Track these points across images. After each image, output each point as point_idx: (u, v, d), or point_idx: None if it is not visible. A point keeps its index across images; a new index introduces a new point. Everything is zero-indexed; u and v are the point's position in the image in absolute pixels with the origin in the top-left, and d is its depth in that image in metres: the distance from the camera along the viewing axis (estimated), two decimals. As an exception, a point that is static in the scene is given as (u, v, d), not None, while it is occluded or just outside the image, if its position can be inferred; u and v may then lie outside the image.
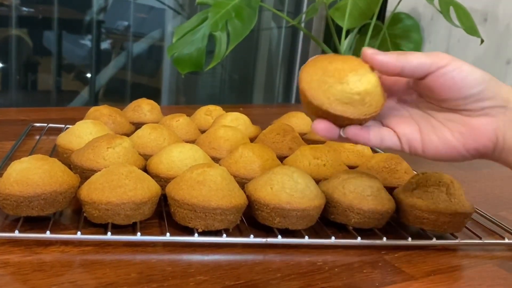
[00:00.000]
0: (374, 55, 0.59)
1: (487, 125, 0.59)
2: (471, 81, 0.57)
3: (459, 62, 0.57)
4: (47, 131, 1.13)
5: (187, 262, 0.66)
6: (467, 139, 0.60)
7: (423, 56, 0.58)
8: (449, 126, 0.61)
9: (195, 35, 1.67)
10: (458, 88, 0.58)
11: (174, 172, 0.79)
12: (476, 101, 0.58)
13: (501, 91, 0.58)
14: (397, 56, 0.58)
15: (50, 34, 2.86)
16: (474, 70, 0.57)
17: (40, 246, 0.66)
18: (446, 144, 0.61)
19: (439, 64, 0.57)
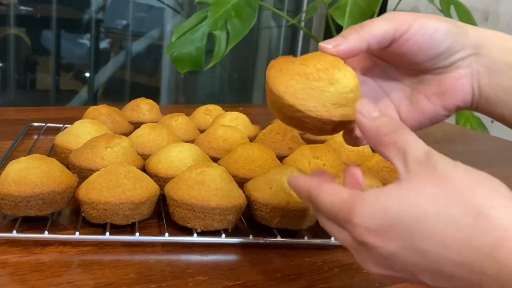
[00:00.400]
0: (337, 48, 0.53)
1: (461, 78, 0.56)
2: (437, 39, 0.54)
3: (421, 20, 0.54)
4: (45, 130, 1.13)
5: (186, 263, 0.66)
6: (445, 100, 0.58)
7: (384, 23, 0.53)
8: (424, 91, 0.59)
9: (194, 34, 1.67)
10: (425, 49, 0.55)
11: (173, 172, 0.79)
12: (446, 57, 0.56)
13: (470, 39, 0.55)
14: (358, 34, 0.53)
15: (49, 33, 2.86)
16: (438, 25, 0.54)
17: (38, 246, 0.66)
18: (426, 112, 0.59)
19: (401, 29, 0.53)
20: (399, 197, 0.41)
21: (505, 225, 0.38)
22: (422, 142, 0.44)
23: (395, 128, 0.45)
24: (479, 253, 0.38)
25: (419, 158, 0.42)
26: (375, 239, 0.42)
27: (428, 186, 0.40)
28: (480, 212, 0.38)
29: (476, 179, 0.41)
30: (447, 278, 0.40)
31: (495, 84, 0.56)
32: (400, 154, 0.44)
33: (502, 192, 0.40)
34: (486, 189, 0.40)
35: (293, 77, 0.51)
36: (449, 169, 0.41)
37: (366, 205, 0.42)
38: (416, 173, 0.42)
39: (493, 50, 0.55)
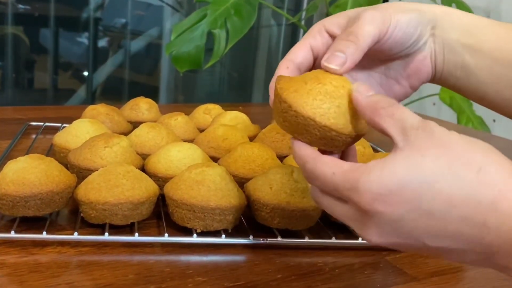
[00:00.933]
0: (344, 68, 0.53)
1: (425, 59, 0.60)
2: (408, 32, 0.57)
3: (395, 16, 0.56)
4: (43, 130, 1.13)
5: (186, 263, 0.66)
6: (412, 80, 0.62)
7: (371, 28, 0.54)
8: (393, 75, 0.62)
9: (193, 33, 1.67)
10: (400, 43, 0.58)
11: (173, 172, 0.79)
12: (414, 45, 0.59)
13: (430, 22, 0.59)
14: (356, 46, 0.53)
15: (47, 32, 2.86)
16: (409, 18, 0.57)
17: (36, 246, 0.66)
18: (397, 95, 0.63)
19: (383, 31, 0.55)
20: (405, 162, 0.43)
21: (504, 179, 0.41)
22: (416, 115, 0.46)
23: (391, 102, 0.47)
24: (482, 206, 0.41)
25: (417, 125, 0.44)
26: (383, 205, 0.43)
27: (430, 149, 0.43)
28: (481, 168, 0.41)
29: (471, 141, 0.44)
30: (452, 236, 0.42)
31: (447, 60, 0.60)
32: (398, 124, 0.45)
33: (495, 151, 0.43)
34: (482, 148, 0.43)
35: (316, 97, 0.50)
36: (446, 134, 0.44)
37: (374, 173, 0.43)
38: (416, 139, 0.44)
39: (444, 28, 0.59)
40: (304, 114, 0.50)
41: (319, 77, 0.52)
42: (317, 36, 0.58)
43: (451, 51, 0.59)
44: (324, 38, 0.58)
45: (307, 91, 0.51)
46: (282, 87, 0.53)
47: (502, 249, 0.40)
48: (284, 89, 0.52)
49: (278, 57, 3.24)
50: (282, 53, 3.22)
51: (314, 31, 0.59)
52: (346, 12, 0.59)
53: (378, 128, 0.47)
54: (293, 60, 0.57)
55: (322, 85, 0.51)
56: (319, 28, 0.59)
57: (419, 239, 0.43)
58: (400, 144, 0.44)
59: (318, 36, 0.58)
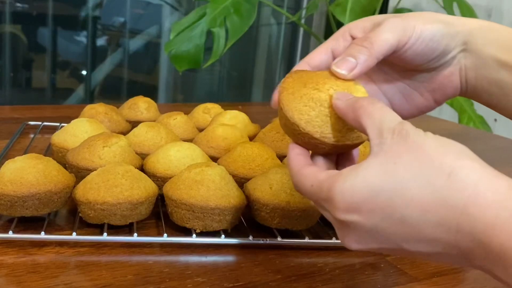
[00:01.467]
0: (352, 73, 0.53)
1: (452, 75, 0.59)
2: (432, 46, 0.56)
3: (419, 27, 0.55)
4: (41, 129, 1.13)
5: (185, 264, 0.66)
6: (437, 95, 0.61)
7: (390, 36, 0.54)
8: (417, 87, 0.62)
9: (193, 32, 1.67)
10: (421, 56, 0.57)
11: (172, 172, 0.79)
12: (439, 59, 0.58)
13: (459, 37, 0.58)
14: (370, 53, 0.53)
15: (45, 31, 2.86)
16: (434, 30, 0.56)
17: (34, 247, 0.66)
18: (419, 106, 0.62)
19: (403, 40, 0.55)
20: (378, 169, 0.43)
21: (474, 183, 0.41)
22: (396, 114, 0.46)
23: (370, 101, 0.48)
24: (454, 211, 0.41)
25: (393, 127, 0.45)
26: (357, 214, 0.44)
27: (403, 154, 0.43)
28: (452, 172, 0.41)
29: (445, 143, 0.44)
30: (428, 242, 0.43)
31: (480, 76, 0.59)
32: (376, 125, 0.46)
33: (467, 154, 0.43)
34: (455, 151, 0.43)
35: (307, 103, 0.52)
36: (421, 136, 0.44)
37: (347, 182, 0.44)
38: (390, 143, 0.44)
39: (478, 44, 0.58)
40: (291, 118, 0.52)
41: (319, 81, 0.52)
42: (340, 39, 0.58)
43: (485, 67, 0.58)
44: (346, 41, 0.58)
45: (301, 96, 0.52)
46: (285, 86, 0.54)
47: (477, 252, 0.41)
48: (284, 88, 0.53)
49: (278, 56, 3.24)
50: (282, 52, 3.23)
51: (338, 34, 0.59)
52: (373, 17, 0.58)
53: (360, 128, 0.48)
54: (309, 62, 0.58)
55: (317, 91, 0.52)
56: (343, 31, 0.59)
57: (398, 244, 0.44)
58: (375, 148, 0.45)
59: (341, 39, 0.58)
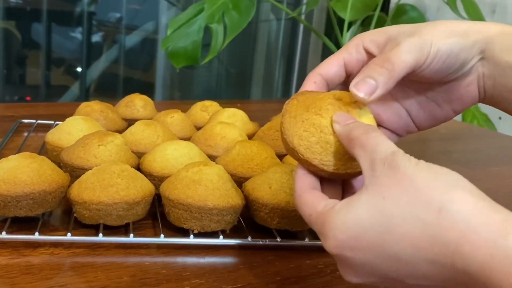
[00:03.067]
0: (373, 97, 0.52)
1: (470, 85, 0.59)
2: (449, 62, 0.55)
3: (436, 44, 0.54)
4: (35, 127, 1.13)
5: (182, 265, 0.66)
6: (455, 105, 0.61)
7: (409, 57, 0.53)
8: (434, 98, 0.61)
9: (190, 28, 1.67)
10: (438, 73, 0.56)
11: (169, 171, 0.79)
12: (458, 71, 0.57)
13: (476, 46, 0.56)
14: (390, 75, 0.52)
15: (39, 27, 2.86)
16: (451, 46, 0.55)
17: (28, 248, 0.66)
18: (436, 117, 0.62)
19: (420, 61, 0.54)
20: (367, 204, 0.44)
21: (466, 219, 0.40)
22: (391, 143, 0.46)
23: (364, 130, 0.48)
24: (446, 249, 0.40)
25: (384, 159, 0.45)
26: (349, 251, 0.45)
27: (392, 188, 0.43)
28: (442, 208, 0.41)
29: (436, 174, 0.43)
30: (424, 277, 0.43)
31: (499, 84, 0.57)
32: (368, 157, 0.46)
33: (461, 185, 0.42)
34: (446, 184, 0.42)
35: (307, 129, 0.52)
36: (411, 168, 0.43)
37: (339, 219, 0.45)
38: (381, 176, 0.44)
39: (496, 51, 0.57)
40: (290, 143, 0.52)
41: (322, 107, 0.52)
42: (353, 52, 0.58)
43: (504, 75, 0.57)
44: (360, 54, 0.57)
45: (302, 120, 0.52)
46: (288, 109, 0.54)
47: (476, 286, 0.40)
48: (287, 111, 0.54)
49: (277, 52, 3.24)
50: (281, 48, 3.23)
51: (351, 46, 0.58)
52: (386, 30, 0.57)
53: (355, 158, 0.48)
54: (322, 74, 0.57)
55: (319, 117, 0.52)
56: (356, 43, 0.58)
57: (396, 279, 0.44)
58: (366, 181, 0.45)
59: (354, 52, 0.58)
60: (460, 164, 1.13)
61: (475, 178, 0.44)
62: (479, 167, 1.16)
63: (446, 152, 1.28)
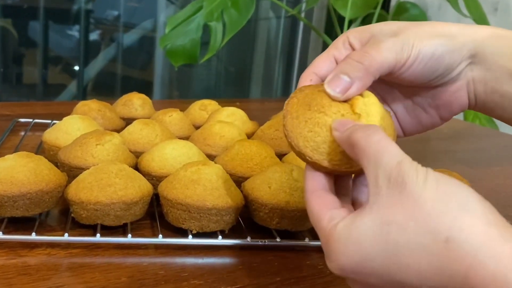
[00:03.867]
0: (346, 95, 0.50)
1: (458, 91, 0.57)
2: (432, 65, 0.54)
3: (417, 45, 0.53)
4: (32, 127, 1.13)
5: (181, 266, 0.66)
6: (442, 112, 0.59)
7: (389, 54, 0.52)
8: (420, 103, 0.60)
9: (189, 26, 1.67)
10: (421, 76, 0.55)
11: (167, 170, 0.79)
12: (444, 76, 0.56)
13: (465, 50, 0.55)
14: (367, 72, 0.51)
15: (36, 25, 2.86)
16: (434, 48, 0.53)
17: (25, 248, 0.66)
18: (423, 122, 0.60)
19: (401, 61, 0.53)
20: (371, 231, 0.42)
21: (474, 251, 0.39)
22: (396, 149, 0.44)
23: (365, 134, 0.46)
24: (454, 281, 0.39)
25: (389, 172, 0.43)
26: (351, 274, 0.44)
27: (397, 214, 0.41)
28: (449, 237, 0.39)
29: (445, 195, 0.41)
30: None
31: (490, 90, 0.56)
32: (371, 170, 0.44)
33: (471, 208, 0.40)
34: (455, 208, 0.40)
35: (312, 129, 0.50)
36: (419, 186, 0.41)
37: (340, 243, 0.44)
38: (385, 196, 0.42)
39: (487, 55, 0.55)
40: (296, 146, 0.51)
41: (324, 103, 0.50)
42: (341, 48, 0.57)
43: (496, 80, 0.55)
44: (348, 50, 0.56)
45: (305, 120, 0.50)
46: (289, 110, 0.52)
47: None
48: (288, 112, 0.52)
49: (277, 50, 3.24)
50: (281, 46, 3.23)
51: (339, 42, 0.57)
52: (371, 27, 0.56)
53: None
54: (316, 72, 0.56)
55: (323, 115, 0.50)
56: (343, 39, 0.57)
57: None
58: (371, 199, 0.43)
59: (342, 48, 0.57)
60: (462, 164, 1.13)
61: (477, 178, 0.44)
62: (481, 166, 1.16)
63: (448, 151, 1.28)
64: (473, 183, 0.80)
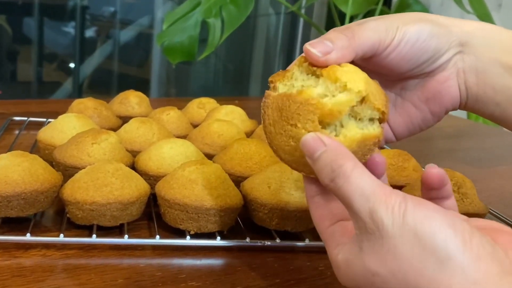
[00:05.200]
0: (326, 57, 0.50)
1: (446, 81, 0.57)
2: (419, 47, 0.54)
3: (403, 28, 0.53)
4: (27, 125, 1.13)
5: (178, 267, 0.66)
6: (432, 105, 0.58)
7: (372, 34, 0.52)
8: (409, 97, 0.59)
9: (187, 22, 1.67)
10: (407, 60, 0.55)
11: (165, 170, 0.79)
12: (431, 64, 0.56)
13: (453, 38, 0.55)
14: (349, 43, 0.51)
15: (31, 21, 2.86)
16: (420, 31, 0.54)
17: (19, 249, 0.66)
18: (413, 119, 0.59)
19: (385, 42, 0.53)
20: (361, 276, 0.44)
21: None
22: (363, 186, 0.43)
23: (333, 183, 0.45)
24: None
25: (364, 221, 0.43)
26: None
27: (379, 266, 0.42)
28: None
29: (423, 250, 0.40)
30: None
31: (483, 82, 0.56)
32: (350, 212, 0.44)
33: (450, 266, 0.39)
34: (432, 268, 0.40)
35: (287, 142, 0.49)
36: (396, 238, 0.41)
37: (341, 271, 0.46)
38: (364, 248, 0.43)
39: (478, 46, 0.55)
40: (279, 157, 0.51)
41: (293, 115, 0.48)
42: None
43: (487, 72, 0.55)
44: None
45: (281, 132, 0.49)
46: (265, 112, 0.51)
47: None
48: (266, 116, 0.51)
49: (276, 47, 3.24)
50: (280, 43, 3.23)
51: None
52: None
53: None
54: None
55: (294, 127, 0.48)
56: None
57: None
58: (358, 242, 0.44)
59: None
60: (465, 163, 1.13)
61: (480, 178, 0.44)
62: (484, 166, 1.16)
63: (451, 150, 1.28)
64: (477, 183, 0.80)
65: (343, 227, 0.48)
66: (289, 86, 0.51)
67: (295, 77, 0.51)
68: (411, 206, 0.41)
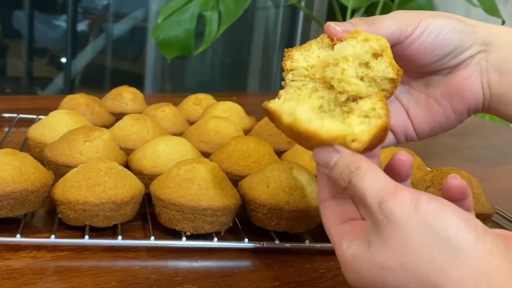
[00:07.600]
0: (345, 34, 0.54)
1: (470, 78, 0.58)
2: (442, 39, 0.56)
3: (427, 20, 0.56)
4: (17, 122, 1.13)
5: (174, 269, 0.66)
6: (455, 102, 0.60)
7: (392, 24, 0.55)
8: (432, 93, 0.61)
9: (182, 15, 1.67)
10: (430, 51, 0.57)
11: (160, 169, 0.79)
12: (454, 57, 0.58)
13: (478, 35, 0.57)
14: (369, 27, 0.55)
15: (21, 14, 2.86)
16: (444, 24, 0.56)
17: (9, 251, 0.66)
18: (436, 116, 0.61)
19: (407, 31, 0.55)
20: (369, 271, 0.45)
21: None
22: (375, 183, 0.45)
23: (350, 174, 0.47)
24: None
25: (374, 213, 0.44)
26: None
27: (388, 258, 0.43)
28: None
29: (434, 241, 0.41)
30: None
31: (506, 82, 0.57)
32: (362, 207, 0.46)
33: (462, 257, 0.40)
34: (441, 259, 0.41)
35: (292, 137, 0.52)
36: (406, 229, 0.42)
37: (347, 268, 0.47)
38: (376, 236, 0.44)
39: (502, 46, 0.57)
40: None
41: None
42: None
43: (510, 71, 0.57)
44: None
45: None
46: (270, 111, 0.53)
47: None
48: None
49: (275, 42, 3.24)
50: (280, 37, 3.22)
51: None
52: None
53: None
54: None
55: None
56: None
57: None
58: (370, 237, 0.45)
59: None
60: (472, 161, 1.13)
61: (487, 176, 0.44)
62: (492, 164, 1.16)
63: (457, 148, 1.28)
64: (483, 181, 0.80)
65: (353, 225, 0.50)
66: (305, 55, 0.55)
67: (312, 50, 0.55)
68: (425, 198, 0.43)
